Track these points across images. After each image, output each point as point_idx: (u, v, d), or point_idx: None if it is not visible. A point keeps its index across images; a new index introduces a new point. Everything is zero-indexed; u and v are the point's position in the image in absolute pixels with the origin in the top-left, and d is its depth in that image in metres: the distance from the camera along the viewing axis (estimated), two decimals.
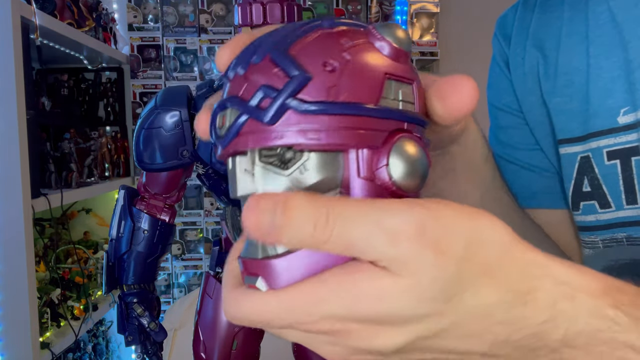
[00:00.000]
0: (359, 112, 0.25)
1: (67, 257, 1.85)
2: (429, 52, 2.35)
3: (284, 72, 0.25)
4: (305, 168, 0.25)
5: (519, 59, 0.60)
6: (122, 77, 2.24)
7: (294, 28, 0.27)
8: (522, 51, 0.60)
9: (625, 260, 0.51)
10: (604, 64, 0.51)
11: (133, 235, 0.73)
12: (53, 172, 1.59)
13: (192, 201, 2.33)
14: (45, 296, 1.53)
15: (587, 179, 0.52)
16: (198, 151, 0.69)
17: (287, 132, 0.25)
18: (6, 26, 1.27)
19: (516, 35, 0.61)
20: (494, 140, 0.66)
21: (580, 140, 0.52)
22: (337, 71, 0.25)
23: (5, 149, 1.30)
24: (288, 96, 0.25)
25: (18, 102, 1.29)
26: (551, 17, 0.57)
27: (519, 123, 0.62)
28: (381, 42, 0.26)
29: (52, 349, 1.47)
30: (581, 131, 0.52)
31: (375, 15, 2.32)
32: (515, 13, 0.62)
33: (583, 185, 0.52)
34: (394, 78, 0.26)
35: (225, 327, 0.74)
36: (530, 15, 0.60)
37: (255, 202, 0.24)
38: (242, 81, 0.27)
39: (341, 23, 0.27)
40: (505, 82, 0.63)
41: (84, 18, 1.82)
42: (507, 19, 0.63)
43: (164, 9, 2.27)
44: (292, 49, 0.25)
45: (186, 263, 2.32)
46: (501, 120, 0.64)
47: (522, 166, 0.62)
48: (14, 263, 1.32)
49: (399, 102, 0.26)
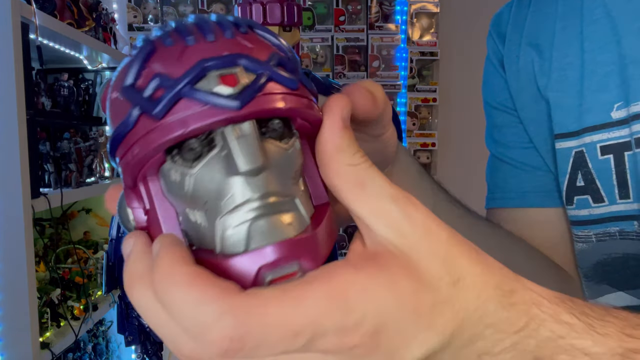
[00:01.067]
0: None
1: (67, 257, 1.85)
2: (429, 52, 2.35)
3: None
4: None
5: (514, 56, 0.60)
6: None
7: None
8: (516, 48, 0.60)
9: (618, 254, 0.51)
10: (598, 59, 0.51)
11: None
12: (53, 172, 1.59)
13: None
14: (45, 296, 1.52)
15: (581, 174, 0.52)
16: None
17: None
18: (6, 26, 1.27)
19: (511, 33, 0.61)
20: (489, 140, 0.66)
21: (574, 135, 0.53)
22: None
23: (5, 149, 1.30)
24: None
25: (18, 102, 1.29)
26: (546, 13, 0.58)
27: (513, 121, 0.62)
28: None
29: (52, 349, 1.47)
30: (576, 126, 0.53)
31: (375, 15, 2.32)
32: (510, 11, 0.63)
33: (577, 180, 0.53)
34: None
35: None
36: (525, 12, 0.60)
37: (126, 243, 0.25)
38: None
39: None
40: (499, 81, 0.63)
41: (84, 18, 1.82)
42: (502, 16, 0.64)
43: (164, 9, 2.27)
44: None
45: None
46: (496, 118, 0.65)
47: (514, 165, 0.62)
48: (14, 263, 1.32)
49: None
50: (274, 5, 0.64)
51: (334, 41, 2.29)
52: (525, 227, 0.61)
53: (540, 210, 0.61)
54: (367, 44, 2.31)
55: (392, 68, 2.34)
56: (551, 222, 0.60)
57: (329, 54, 2.32)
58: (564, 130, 0.54)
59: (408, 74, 2.35)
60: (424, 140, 2.37)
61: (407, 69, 2.34)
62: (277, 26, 0.65)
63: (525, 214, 0.61)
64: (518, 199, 0.62)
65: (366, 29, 2.30)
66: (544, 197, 0.60)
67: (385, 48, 2.34)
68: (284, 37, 0.66)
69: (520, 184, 0.62)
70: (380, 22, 2.32)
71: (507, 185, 0.63)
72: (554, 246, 0.60)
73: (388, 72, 2.34)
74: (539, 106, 0.57)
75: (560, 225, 0.60)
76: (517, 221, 0.61)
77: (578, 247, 0.55)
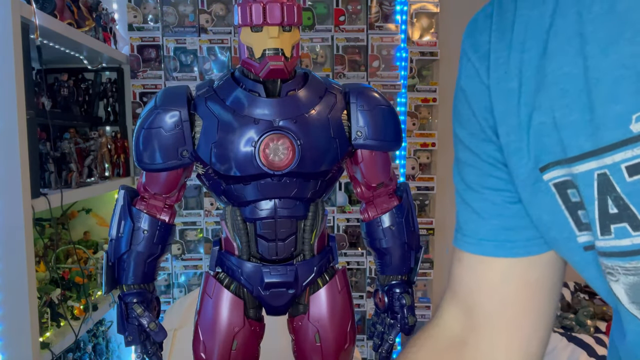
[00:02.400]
0: None
1: (67, 257, 1.86)
2: (429, 52, 2.35)
3: None
4: None
5: (502, 72, 0.53)
6: (122, 77, 2.24)
7: None
8: (505, 63, 0.53)
9: None
10: (603, 64, 0.44)
11: (133, 235, 0.73)
12: (53, 172, 1.59)
13: (192, 201, 2.33)
14: (45, 296, 1.53)
15: (611, 199, 0.45)
16: (198, 151, 0.69)
17: None
18: (6, 26, 1.27)
19: (497, 46, 0.53)
20: (455, 171, 0.63)
21: (591, 156, 0.46)
22: None
23: (5, 149, 1.30)
24: None
25: (18, 102, 1.29)
26: (532, 16, 0.51)
27: (474, 160, 0.58)
28: None
29: (52, 349, 1.47)
30: (591, 145, 0.45)
31: (375, 15, 2.32)
32: (489, 19, 0.55)
33: (608, 206, 0.46)
34: None
35: (225, 327, 0.74)
36: (512, 18, 0.53)
37: None
38: None
39: None
40: (466, 112, 0.58)
41: (84, 18, 1.82)
42: (479, 28, 0.56)
43: (164, 9, 2.27)
44: None
45: (186, 263, 2.32)
46: (458, 152, 0.61)
47: (473, 209, 0.59)
48: (14, 263, 1.32)
49: None
50: (274, 5, 0.64)
51: (334, 41, 2.29)
52: (483, 275, 0.60)
53: (496, 260, 0.58)
54: (367, 44, 2.31)
55: (392, 68, 2.34)
56: (506, 274, 0.58)
57: (329, 54, 2.32)
58: (577, 152, 0.47)
59: (408, 74, 2.35)
60: (424, 140, 2.37)
61: (407, 69, 2.34)
62: (277, 26, 0.65)
63: (482, 262, 0.59)
64: (475, 245, 0.59)
65: (366, 29, 2.30)
66: (495, 247, 0.58)
67: (385, 48, 2.33)
68: (283, 37, 0.66)
69: (476, 229, 0.59)
70: (380, 22, 2.32)
71: (467, 227, 0.61)
72: (506, 299, 0.59)
73: (388, 72, 2.34)
74: (527, 133, 0.51)
75: (516, 278, 0.58)
76: (475, 267, 0.60)
77: (629, 281, 0.47)
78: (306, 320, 0.75)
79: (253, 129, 0.67)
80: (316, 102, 0.70)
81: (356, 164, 0.75)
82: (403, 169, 2.36)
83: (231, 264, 0.74)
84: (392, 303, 0.79)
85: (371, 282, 2.34)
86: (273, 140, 0.67)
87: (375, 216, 0.78)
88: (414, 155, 2.37)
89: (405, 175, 2.36)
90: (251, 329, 0.75)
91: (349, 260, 2.32)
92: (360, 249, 2.34)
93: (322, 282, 0.76)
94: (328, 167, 0.71)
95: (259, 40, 0.66)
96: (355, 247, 2.36)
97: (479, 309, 0.61)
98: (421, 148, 2.37)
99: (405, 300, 0.78)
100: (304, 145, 0.67)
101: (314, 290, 0.76)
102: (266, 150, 0.67)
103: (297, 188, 0.70)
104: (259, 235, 0.72)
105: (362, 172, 0.75)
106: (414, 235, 0.79)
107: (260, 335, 0.78)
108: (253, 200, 0.71)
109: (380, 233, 0.78)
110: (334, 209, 2.31)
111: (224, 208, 0.76)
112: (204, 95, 0.70)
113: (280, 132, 0.67)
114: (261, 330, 0.78)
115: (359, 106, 0.72)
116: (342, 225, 2.32)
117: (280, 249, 0.73)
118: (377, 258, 0.80)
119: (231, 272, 0.75)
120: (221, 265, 0.77)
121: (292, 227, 0.73)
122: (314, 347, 0.75)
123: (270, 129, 0.67)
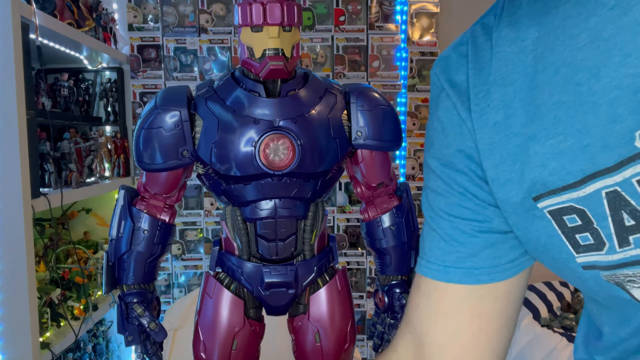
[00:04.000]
0: None
1: (67, 257, 1.86)
2: (429, 52, 2.35)
3: None
4: None
5: (484, 106, 0.54)
6: (122, 77, 2.24)
7: None
8: (485, 97, 0.54)
9: None
10: (596, 88, 0.46)
11: (133, 235, 0.73)
12: (53, 172, 1.59)
13: (192, 201, 2.33)
14: (45, 296, 1.53)
15: (626, 213, 0.47)
16: (198, 151, 0.69)
17: None
18: (6, 26, 1.27)
19: (474, 80, 0.55)
20: (424, 200, 0.65)
21: (595, 177, 0.47)
22: None
23: (5, 149, 1.30)
24: None
25: (18, 102, 1.29)
26: (512, 51, 0.52)
27: (445, 190, 0.60)
28: None
29: (52, 349, 1.47)
30: (592, 168, 0.47)
31: (375, 15, 2.32)
32: (465, 60, 0.57)
33: (624, 220, 0.47)
34: None
35: (225, 327, 0.74)
36: (489, 55, 0.54)
37: None
38: None
39: None
40: (441, 143, 0.60)
41: (84, 18, 1.82)
42: (453, 67, 0.58)
43: (164, 9, 2.27)
44: None
45: (186, 263, 2.32)
46: (429, 181, 0.63)
47: (441, 237, 0.61)
48: (14, 263, 1.32)
49: None
50: (274, 5, 0.64)
51: (334, 41, 2.29)
52: (437, 303, 0.61)
53: (460, 287, 0.60)
54: (367, 44, 2.31)
55: (392, 68, 2.34)
56: (469, 298, 0.60)
57: (329, 54, 2.32)
58: (580, 176, 0.48)
59: (408, 74, 2.35)
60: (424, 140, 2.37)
61: (407, 69, 2.34)
62: (278, 26, 0.65)
63: (446, 289, 0.61)
64: (441, 273, 0.61)
65: (366, 29, 2.30)
66: (462, 274, 0.59)
67: (385, 48, 2.34)
68: (284, 37, 0.66)
69: (443, 257, 0.61)
70: (380, 22, 2.32)
71: (432, 253, 0.62)
72: (469, 324, 0.60)
73: (388, 72, 2.34)
74: (518, 164, 0.52)
75: (479, 302, 0.59)
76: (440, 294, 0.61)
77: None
78: (306, 320, 0.75)
79: (253, 129, 0.67)
80: (316, 102, 0.70)
81: (356, 164, 0.75)
82: (403, 169, 2.36)
83: (231, 264, 0.74)
84: (392, 303, 0.79)
85: (371, 282, 2.34)
86: (273, 140, 0.67)
87: (375, 216, 0.78)
88: (414, 155, 2.37)
89: (405, 175, 2.36)
90: (251, 329, 0.75)
91: (349, 260, 2.32)
92: (360, 249, 2.34)
93: (322, 282, 0.76)
94: (328, 167, 0.71)
95: (259, 40, 0.66)
96: (355, 247, 2.36)
97: (430, 338, 0.63)
98: (421, 148, 2.37)
99: (405, 301, 0.78)
100: (304, 145, 0.67)
101: (314, 290, 0.76)
102: (266, 150, 0.67)
103: (297, 188, 0.70)
104: (259, 235, 0.72)
105: (362, 172, 0.75)
106: (414, 236, 0.79)
107: (260, 335, 0.78)
108: (253, 200, 0.71)
109: (380, 233, 0.78)
110: (334, 209, 2.31)
111: (224, 208, 0.76)
112: (204, 95, 0.70)
113: (280, 132, 0.67)
114: (261, 330, 0.78)
115: (359, 106, 0.72)
116: (342, 225, 2.32)
117: (280, 249, 0.73)
118: (377, 258, 0.80)
119: (231, 272, 0.75)
120: (221, 265, 0.77)
121: (292, 227, 0.73)
122: (314, 347, 0.75)
123: (271, 129, 0.67)
